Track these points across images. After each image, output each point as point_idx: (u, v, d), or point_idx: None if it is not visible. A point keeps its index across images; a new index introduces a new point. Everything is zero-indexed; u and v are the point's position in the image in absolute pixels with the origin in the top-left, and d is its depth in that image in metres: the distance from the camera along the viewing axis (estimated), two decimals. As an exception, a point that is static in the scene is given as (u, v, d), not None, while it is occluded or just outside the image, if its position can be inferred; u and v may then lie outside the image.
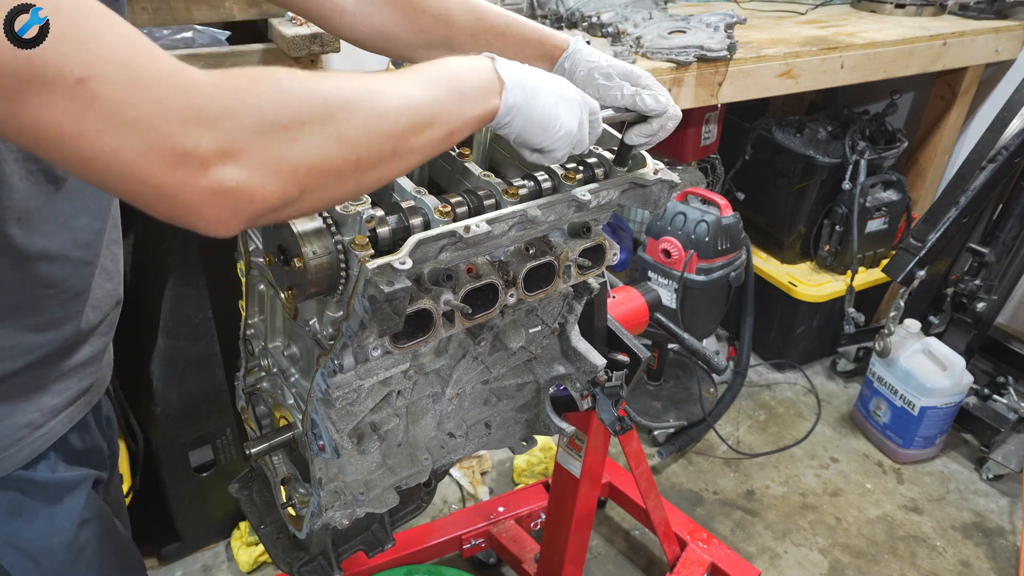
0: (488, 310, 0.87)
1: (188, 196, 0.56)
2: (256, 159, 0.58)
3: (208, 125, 0.55)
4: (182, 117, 0.54)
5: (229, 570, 2.07)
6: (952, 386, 2.40)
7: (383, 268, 0.73)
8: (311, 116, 0.61)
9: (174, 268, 1.70)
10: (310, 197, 0.63)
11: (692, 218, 2.36)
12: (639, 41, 2.08)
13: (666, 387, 2.68)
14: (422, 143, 0.69)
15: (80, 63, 0.51)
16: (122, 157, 0.54)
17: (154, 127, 0.54)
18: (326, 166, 0.62)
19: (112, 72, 0.52)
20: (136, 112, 0.53)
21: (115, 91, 0.52)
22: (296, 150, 0.60)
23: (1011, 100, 2.32)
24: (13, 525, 0.94)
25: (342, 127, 0.62)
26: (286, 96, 0.60)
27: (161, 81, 0.54)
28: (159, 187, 0.55)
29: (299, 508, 1.08)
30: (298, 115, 0.60)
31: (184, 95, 0.55)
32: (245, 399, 1.14)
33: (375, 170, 0.67)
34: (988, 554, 2.24)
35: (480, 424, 1.15)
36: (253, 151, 0.57)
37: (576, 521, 1.61)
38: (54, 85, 0.51)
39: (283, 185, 0.60)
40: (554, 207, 0.89)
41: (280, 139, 0.59)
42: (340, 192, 0.66)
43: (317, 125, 0.61)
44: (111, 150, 0.53)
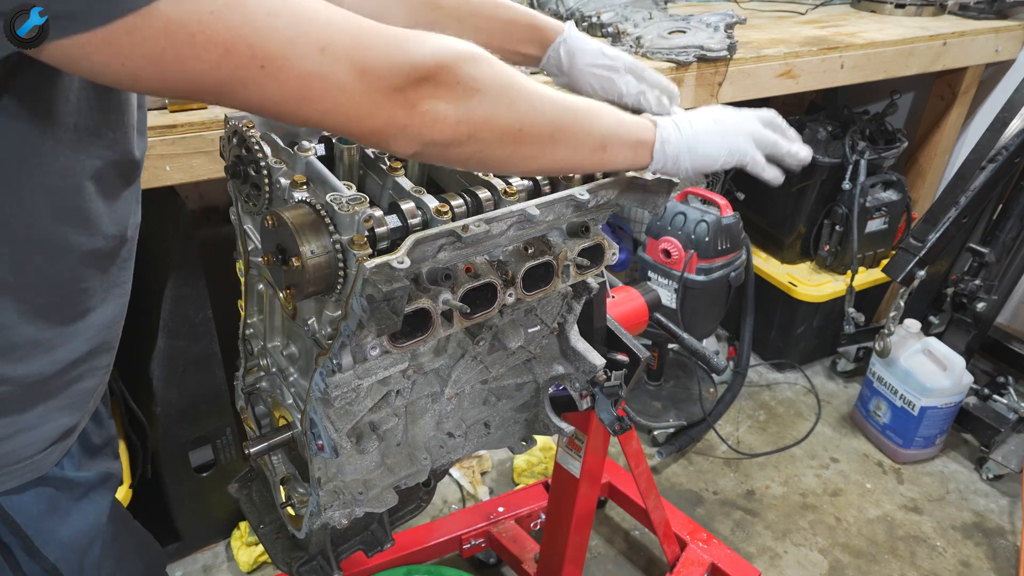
0: (487, 310, 0.88)
1: (396, 120, 0.68)
2: (447, 98, 0.70)
3: (425, 78, 0.68)
4: (400, 69, 0.67)
5: (229, 570, 2.08)
6: (952, 386, 2.40)
7: (381, 267, 0.74)
8: (493, 79, 0.72)
9: (174, 268, 1.70)
10: (472, 146, 0.73)
11: (692, 218, 2.36)
12: (639, 41, 2.08)
13: (666, 387, 2.68)
14: (575, 141, 0.79)
15: (320, 36, 0.64)
16: (354, 93, 0.66)
17: (384, 62, 0.66)
18: (495, 122, 0.73)
19: (340, 37, 0.65)
20: (364, 64, 0.65)
21: (347, 50, 0.65)
22: (475, 100, 0.71)
23: (1011, 100, 2.32)
24: (52, 522, 0.95)
25: (514, 96, 0.74)
26: (486, 64, 0.72)
27: (383, 35, 0.67)
28: (373, 118, 0.68)
29: (298, 508, 1.08)
30: (485, 80, 0.72)
31: (400, 50, 0.68)
32: (244, 399, 1.14)
33: (531, 146, 0.76)
34: (988, 554, 2.24)
35: (479, 424, 1.15)
36: (445, 97, 0.69)
37: (576, 521, 1.61)
38: (294, 48, 0.63)
39: (460, 124, 0.71)
40: (553, 207, 0.89)
41: (466, 90, 0.70)
42: (497, 153, 0.76)
43: (497, 87, 0.73)
44: (345, 101, 0.66)
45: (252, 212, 0.94)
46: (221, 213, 2.35)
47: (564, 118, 0.77)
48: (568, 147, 0.79)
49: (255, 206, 0.89)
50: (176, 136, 1.40)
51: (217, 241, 2.27)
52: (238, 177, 0.92)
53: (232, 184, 0.96)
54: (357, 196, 0.78)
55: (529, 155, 0.77)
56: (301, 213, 0.77)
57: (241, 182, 0.91)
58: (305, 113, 0.66)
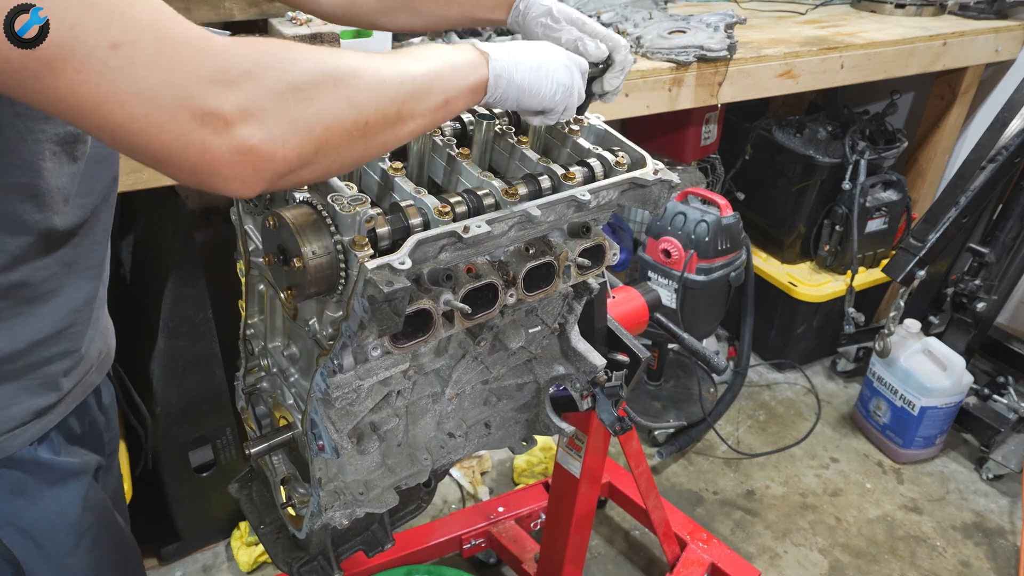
0: (488, 310, 0.88)
1: (214, 155, 0.59)
2: (276, 118, 0.61)
3: (231, 85, 0.59)
4: (208, 78, 0.58)
5: (229, 570, 2.07)
6: (952, 386, 2.40)
7: (382, 268, 0.74)
8: (323, 79, 0.65)
9: (174, 268, 1.70)
10: (323, 159, 0.66)
11: (692, 218, 2.36)
12: (639, 41, 2.08)
13: (666, 387, 2.68)
14: (422, 109, 0.74)
15: (116, 29, 0.54)
16: (153, 120, 0.57)
17: (183, 88, 0.57)
18: (338, 127, 0.66)
19: (143, 37, 0.56)
20: (166, 75, 0.56)
21: (146, 55, 0.56)
22: (311, 111, 0.63)
23: (1011, 100, 2.32)
24: (16, 504, 0.95)
25: (351, 91, 0.67)
26: (301, 61, 0.64)
27: (188, 45, 0.58)
28: (186, 147, 0.58)
29: (299, 508, 1.08)
30: (312, 78, 0.64)
31: (210, 57, 0.58)
32: (245, 399, 1.14)
33: (381, 133, 0.71)
34: (988, 554, 2.24)
35: (480, 424, 1.15)
36: (273, 110, 0.61)
37: (576, 521, 1.61)
38: (92, 53, 0.54)
39: (300, 144, 0.63)
40: (554, 207, 0.89)
41: (296, 100, 0.62)
42: (350, 155, 0.70)
43: (330, 88, 0.65)
44: (143, 114, 0.56)
45: (253, 212, 0.94)
46: (221, 213, 2.35)
47: (405, 92, 0.72)
48: (415, 118, 0.74)
49: (256, 206, 0.89)
50: (176, 136, 1.39)
51: (217, 241, 2.28)
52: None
53: (233, 184, 0.96)
54: (358, 196, 0.78)
55: (380, 142, 0.72)
56: (302, 213, 0.77)
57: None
58: (94, 123, 0.57)
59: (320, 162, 0.66)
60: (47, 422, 0.94)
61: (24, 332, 0.88)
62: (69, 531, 1.01)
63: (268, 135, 0.61)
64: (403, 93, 0.72)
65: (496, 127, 1.03)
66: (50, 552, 1.00)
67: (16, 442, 0.91)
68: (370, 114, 0.68)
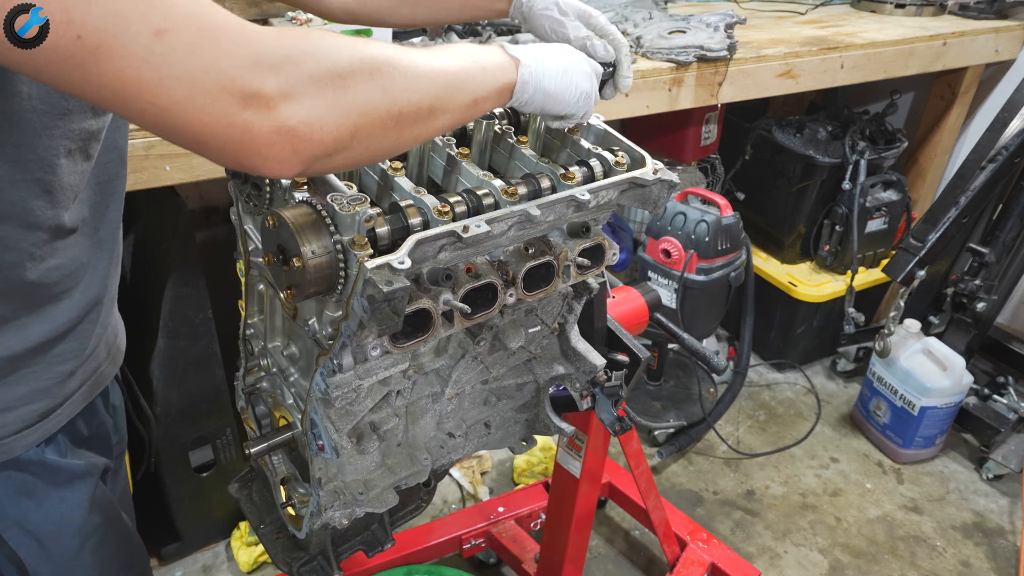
0: (487, 310, 0.87)
1: (255, 135, 0.61)
2: (314, 101, 0.63)
3: (273, 69, 0.61)
4: (250, 62, 0.60)
5: (229, 570, 2.07)
6: (952, 386, 2.40)
7: (382, 268, 0.74)
8: (360, 68, 0.66)
9: (174, 268, 1.70)
10: (358, 145, 0.68)
11: (692, 218, 2.36)
12: (639, 41, 2.08)
13: (666, 387, 2.68)
14: (453, 106, 0.76)
15: (158, 17, 0.56)
16: (195, 102, 0.58)
17: (225, 72, 0.59)
18: (373, 115, 0.68)
19: (184, 23, 0.58)
20: (208, 59, 0.58)
21: (189, 41, 0.58)
22: (347, 97, 0.65)
23: (1011, 100, 2.32)
24: (23, 506, 0.95)
25: (386, 81, 0.68)
26: (339, 49, 0.66)
27: (228, 30, 0.60)
28: (228, 127, 0.60)
29: (299, 508, 1.08)
30: (350, 66, 0.66)
31: (249, 43, 0.60)
32: (245, 399, 1.14)
33: (413, 126, 0.72)
34: (988, 554, 2.24)
35: (480, 424, 1.15)
36: (312, 94, 0.63)
37: (576, 521, 1.61)
38: (135, 40, 0.56)
39: (337, 128, 0.65)
40: (553, 207, 0.89)
41: (335, 86, 0.64)
42: (383, 144, 0.71)
43: (366, 76, 0.67)
44: (186, 96, 0.58)
45: (253, 212, 0.94)
46: (221, 213, 2.35)
47: (437, 87, 0.74)
48: (446, 114, 0.76)
49: (256, 206, 0.89)
50: (176, 136, 1.40)
51: (217, 241, 2.28)
52: (239, 177, 0.91)
53: (233, 184, 0.96)
54: (358, 196, 0.78)
55: (413, 134, 0.73)
56: (302, 213, 0.77)
57: (242, 182, 0.91)
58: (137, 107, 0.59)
59: (355, 148, 0.68)
60: (53, 424, 0.94)
61: (35, 332, 0.88)
62: (74, 533, 1.01)
63: (307, 117, 0.62)
64: (436, 87, 0.73)
65: (496, 127, 1.03)
66: (55, 554, 1.00)
67: (23, 443, 0.91)
68: (404, 105, 0.70)
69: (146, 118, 0.60)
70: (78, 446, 1.00)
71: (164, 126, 0.60)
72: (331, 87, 0.64)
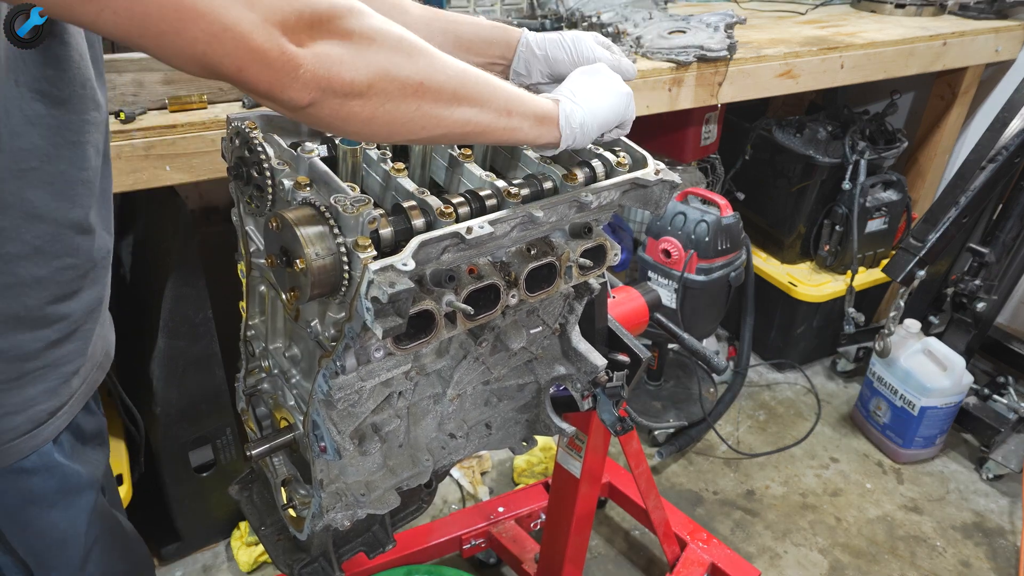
0: (490, 311, 0.87)
1: (288, 61, 0.64)
2: (344, 47, 0.67)
3: (316, 13, 0.66)
4: (300, 3, 0.65)
5: (229, 570, 2.07)
6: (952, 386, 2.40)
7: (386, 269, 0.73)
8: (390, 33, 0.71)
9: (174, 268, 1.70)
10: (375, 98, 0.70)
11: (692, 218, 2.36)
12: (639, 41, 2.08)
13: (666, 387, 2.68)
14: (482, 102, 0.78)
15: None
16: (249, 30, 0.62)
17: (277, 6, 0.63)
18: (394, 73, 0.70)
19: None
20: None
21: None
22: (372, 50, 0.69)
23: (1011, 100, 2.32)
24: (31, 515, 0.95)
25: (411, 49, 0.72)
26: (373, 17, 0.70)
27: None
28: (270, 53, 0.63)
29: (300, 509, 1.07)
30: (380, 29, 0.70)
31: None
32: (246, 400, 1.14)
33: (435, 105, 0.74)
34: (988, 554, 2.24)
35: (481, 425, 1.15)
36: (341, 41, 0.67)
37: (576, 521, 1.61)
38: None
39: (357, 71, 0.68)
40: (556, 208, 0.89)
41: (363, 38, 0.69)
42: (402, 111, 0.73)
43: (394, 40, 0.71)
44: (241, 23, 0.61)
45: (255, 214, 0.94)
46: (221, 213, 2.35)
47: (466, 77, 0.77)
48: (473, 107, 0.77)
49: (258, 208, 0.89)
50: (176, 136, 1.39)
51: (217, 241, 2.27)
52: (241, 178, 0.91)
53: (234, 185, 0.95)
54: (361, 198, 0.78)
55: (434, 113, 0.75)
56: (305, 215, 0.77)
57: (244, 183, 0.91)
58: (183, 41, 0.61)
59: (371, 99, 0.70)
60: (61, 422, 0.95)
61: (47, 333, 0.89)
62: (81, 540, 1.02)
63: (338, 50, 0.67)
64: (461, 76, 0.76)
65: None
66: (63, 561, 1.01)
67: (32, 443, 0.91)
68: (425, 77, 0.72)
69: (196, 47, 0.61)
70: (83, 444, 1.01)
71: (210, 54, 0.62)
72: (359, 39, 0.68)
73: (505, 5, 2.26)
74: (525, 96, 0.83)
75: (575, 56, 0.98)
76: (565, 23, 2.23)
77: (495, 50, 1.01)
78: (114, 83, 1.49)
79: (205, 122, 1.42)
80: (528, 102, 0.83)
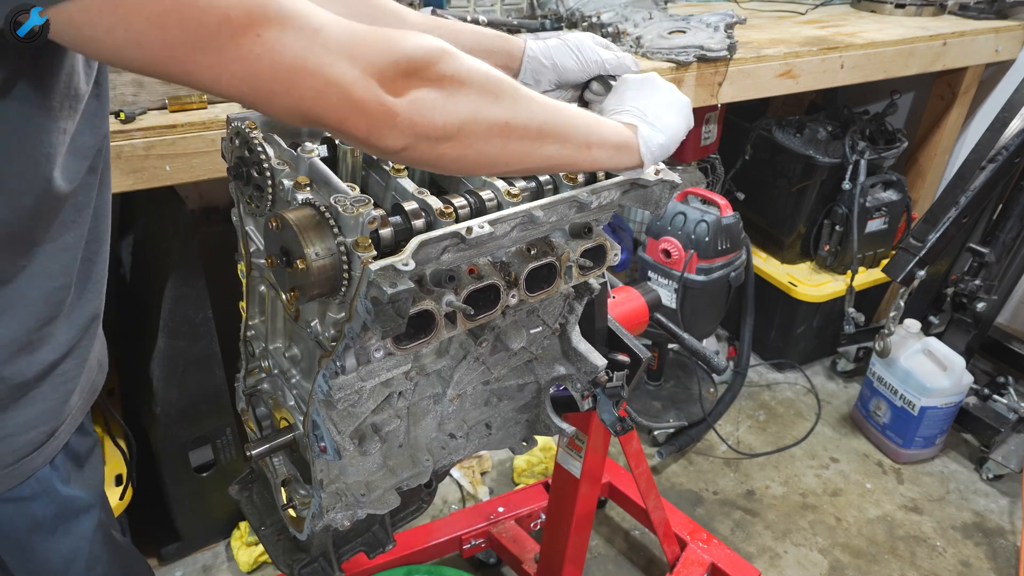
0: (490, 311, 0.87)
1: (387, 111, 0.67)
2: (436, 93, 0.70)
3: (411, 63, 0.68)
4: (393, 57, 0.67)
5: (229, 570, 2.07)
6: (952, 386, 2.40)
7: (386, 269, 0.73)
8: (480, 75, 0.73)
9: (174, 268, 1.70)
10: (464, 139, 0.72)
11: (692, 218, 2.35)
12: (639, 41, 2.08)
13: (666, 387, 2.68)
14: (565, 137, 0.80)
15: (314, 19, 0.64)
16: (351, 85, 0.65)
17: (373, 62, 0.66)
18: (482, 115, 0.73)
19: (332, 25, 0.65)
20: (361, 50, 0.66)
21: (341, 36, 0.65)
22: (461, 93, 0.71)
23: (1011, 100, 2.32)
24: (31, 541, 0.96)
25: (498, 91, 0.75)
26: (462, 58, 0.73)
27: (371, 33, 0.67)
28: (370, 104, 0.66)
29: (300, 509, 1.07)
30: (470, 72, 0.72)
31: (390, 41, 0.68)
32: (245, 400, 1.14)
33: (520, 142, 0.77)
34: (988, 554, 2.24)
35: (481, 425, 1.15)
36: (432, 87, 0.69)
37: (576, 521, 1.60)
38: (290, 22, 0.62)
39: (448, 115, 0.70)
40: (556, 208, 0.89)
41: (454, 83, 0.71)
42: (489, 149, 0.75)
43: (483, 80, 0.73)
44: (345, 79, 0.64)
45: (255, 214, 0.94)
46: (221, 213, 2.35)
47: (549, 115, 0.79)
48: (556, 143, 0.79)
49: (258, 208, 0.89)
50: (176, 136, 1.39)
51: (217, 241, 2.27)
52: (241, 179, 0.91)
53: (234, 185, 0.95)
54: (361, 198, 0.78)
55: (519, 151, 0.77)
56: (305, 215, 0.77)
57: (244, 184, 0.91)
58: (292, 99, 0.64)
59: (460, 140, 0.72)
60: (59, 442, 0.94)
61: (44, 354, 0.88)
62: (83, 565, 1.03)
63: (432, 94, 0.69)
64: (545, 113, 0.79)
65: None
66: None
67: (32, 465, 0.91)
68: (511, 117, 0.75)
69: (304, 103, 0.64)
70: (80, 467, 1.00)
71: (316, 108, 0.65)
72: (452, 82, 0.70)
73: (505, 5, 2.26)
74: (604, 126, 0.85)
75: (584, 63, 1.00)
76: (565, 23, 2.23)
77: (496, 59, 1.00)
78: (114, 83, 1.49)
79: (205, 122, 1.42)
80: (606, 132, 0.85)
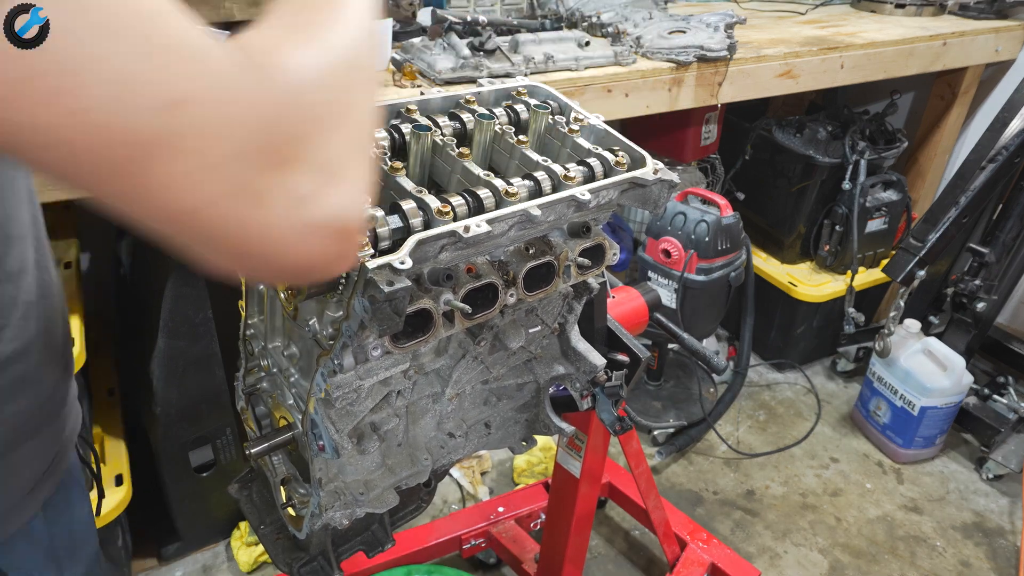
0: (488, 310, 0.87)
1: (289, 233, 0.46)
2: (352, 174, 0.49)
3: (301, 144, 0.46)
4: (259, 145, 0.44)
5: (229, 570, 2.07)
6: (952, 386, 2.40)
7: (383, 268, 0.73)
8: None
9: (174, 268, 1.70)
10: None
11: (692, 218, 2.36)
12: (639, 41, 2.08)
13: (666, 387, 2.68)
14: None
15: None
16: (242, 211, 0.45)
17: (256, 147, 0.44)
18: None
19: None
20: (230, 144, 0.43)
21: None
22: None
23: (1011, 100, 2.32)
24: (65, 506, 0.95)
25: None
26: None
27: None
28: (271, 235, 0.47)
29: (299, 508, 1.07)
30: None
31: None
32: (245, 399, 1.14)
33: None
34: (988, 554, 2.24)
35: (480, 424, 1.15)
36: (349, 164, 0.48)
37: (576, 521, 1.60)
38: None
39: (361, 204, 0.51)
40: (554, 207, 0.89)
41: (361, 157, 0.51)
42: None
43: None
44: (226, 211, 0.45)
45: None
46: (221, 213, 2.34)
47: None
48: None
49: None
50: (176, 136, 1.39)
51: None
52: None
53: (233, 184, 0.95)
54: (358, 196, 0.78)
55: None
56: (302, 213, 0.77)
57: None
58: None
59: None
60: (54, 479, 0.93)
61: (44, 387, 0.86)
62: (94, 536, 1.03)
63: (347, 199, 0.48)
64: None
65: (495, 127, 1.03)
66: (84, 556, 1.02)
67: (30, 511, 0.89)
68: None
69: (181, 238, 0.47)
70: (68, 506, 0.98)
71: (207, 247, 0.49)
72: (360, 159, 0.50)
73: (505, 5, 2.27)
74: None
75: None
76: (565, 23, 2.23)
77: None
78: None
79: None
80: None
